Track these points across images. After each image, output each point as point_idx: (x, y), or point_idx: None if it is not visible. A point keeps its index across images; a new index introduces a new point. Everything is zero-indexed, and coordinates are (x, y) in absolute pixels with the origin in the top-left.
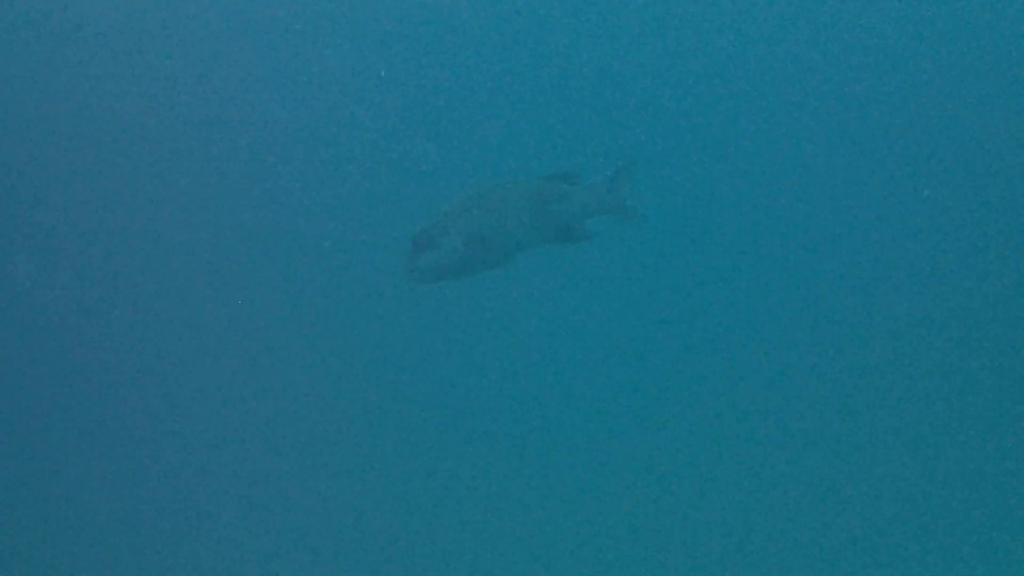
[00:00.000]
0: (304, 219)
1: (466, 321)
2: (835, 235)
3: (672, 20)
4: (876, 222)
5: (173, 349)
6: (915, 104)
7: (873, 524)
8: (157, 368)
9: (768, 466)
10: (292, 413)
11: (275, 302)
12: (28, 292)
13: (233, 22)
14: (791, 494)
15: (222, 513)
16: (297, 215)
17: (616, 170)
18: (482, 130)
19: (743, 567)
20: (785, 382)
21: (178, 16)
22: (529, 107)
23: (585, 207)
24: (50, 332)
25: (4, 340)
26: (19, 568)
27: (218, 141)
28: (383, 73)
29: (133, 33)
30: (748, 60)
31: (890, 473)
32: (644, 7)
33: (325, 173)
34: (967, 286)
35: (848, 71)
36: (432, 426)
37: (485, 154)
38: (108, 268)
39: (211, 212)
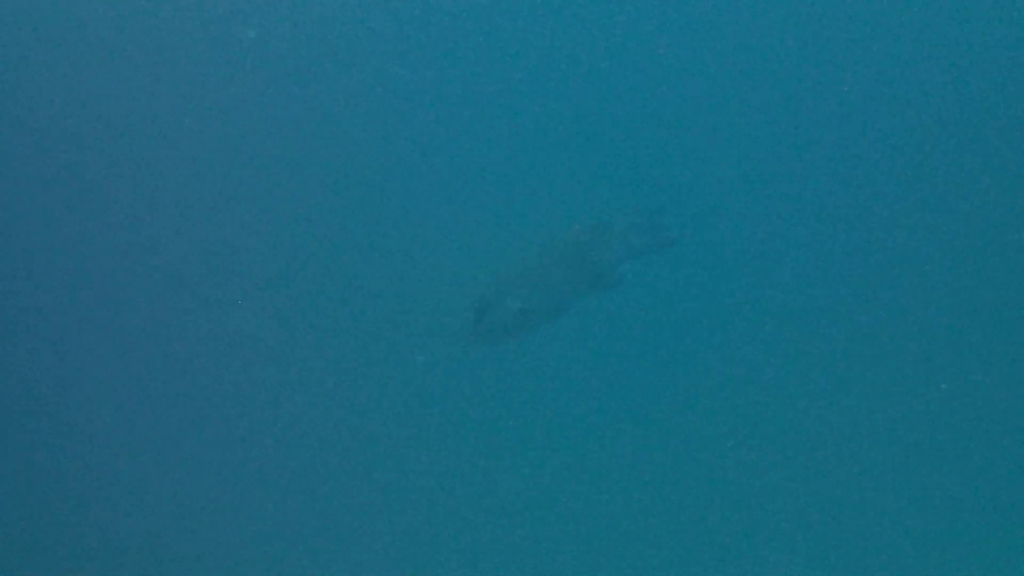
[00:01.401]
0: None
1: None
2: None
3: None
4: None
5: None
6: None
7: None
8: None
9: (774, 472)
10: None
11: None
12: (27, 292)
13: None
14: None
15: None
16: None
17: (646, 213)
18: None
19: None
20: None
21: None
22: (552, 153)
23: (621, 252)
24: (50, 332)
25: (4, 340)
26: (19, 568)
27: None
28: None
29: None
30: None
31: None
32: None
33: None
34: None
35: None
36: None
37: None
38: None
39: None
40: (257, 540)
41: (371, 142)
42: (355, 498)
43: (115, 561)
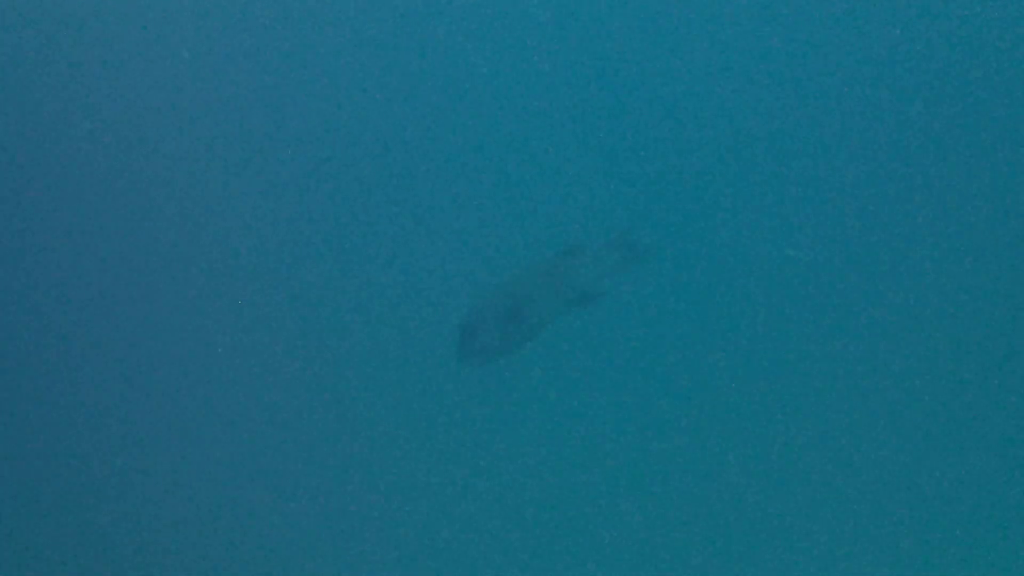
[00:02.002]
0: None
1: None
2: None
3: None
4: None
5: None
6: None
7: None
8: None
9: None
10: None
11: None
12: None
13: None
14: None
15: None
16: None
17: (617, 234)
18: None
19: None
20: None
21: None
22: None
23: (596, 272)
24: (50, 332)
25: (4, 340)
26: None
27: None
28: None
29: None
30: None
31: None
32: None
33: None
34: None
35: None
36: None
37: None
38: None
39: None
40: (254, 542)
41: (348, 166)
42: (346, 508)
43: (116, 561)
